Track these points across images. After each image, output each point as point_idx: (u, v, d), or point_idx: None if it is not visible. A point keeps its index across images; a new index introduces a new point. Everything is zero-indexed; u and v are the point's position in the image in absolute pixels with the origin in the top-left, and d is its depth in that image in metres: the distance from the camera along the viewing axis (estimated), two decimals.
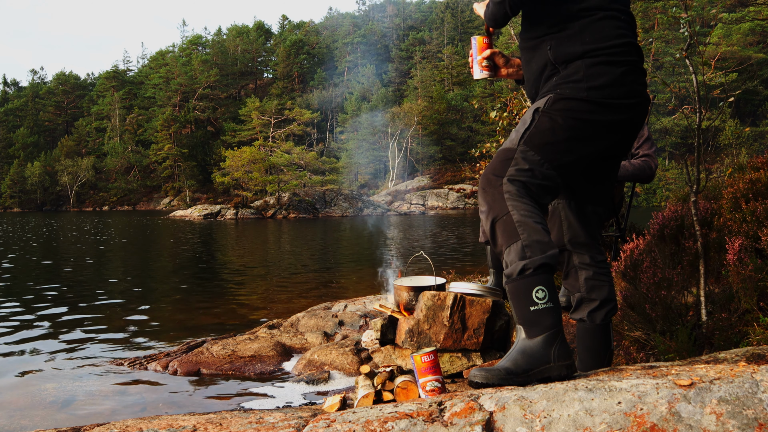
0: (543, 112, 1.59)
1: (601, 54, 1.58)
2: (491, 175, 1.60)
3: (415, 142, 53.81)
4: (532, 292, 1.49)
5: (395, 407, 1.28)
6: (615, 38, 1.61)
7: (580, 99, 1.56)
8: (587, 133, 1.58)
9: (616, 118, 1.59)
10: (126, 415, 3.01)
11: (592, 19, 1.61)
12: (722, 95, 3.08)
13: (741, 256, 2.62)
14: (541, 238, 1.51)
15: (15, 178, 61.24)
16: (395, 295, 2.58)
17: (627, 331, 2.86)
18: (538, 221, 1.53)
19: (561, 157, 1.58)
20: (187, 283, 8.58)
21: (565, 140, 1.57)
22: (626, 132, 1.65)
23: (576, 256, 1.89)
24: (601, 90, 1.56)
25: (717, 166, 29.46)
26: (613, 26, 1.62)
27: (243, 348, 4.10)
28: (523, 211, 1.53)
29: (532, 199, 1.56)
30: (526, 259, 1.49)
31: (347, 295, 6.50)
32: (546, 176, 1.58)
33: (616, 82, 1.57)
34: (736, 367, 1.25)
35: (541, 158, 1.57)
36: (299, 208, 35.63)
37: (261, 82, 74.88)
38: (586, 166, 1.68)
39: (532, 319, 1.49)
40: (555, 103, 1.58)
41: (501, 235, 1.55)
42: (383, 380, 1.93)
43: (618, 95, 1.57)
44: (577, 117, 1.56)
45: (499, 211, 1.55)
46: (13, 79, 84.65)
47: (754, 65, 44.74)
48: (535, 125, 1.59)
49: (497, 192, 1.56)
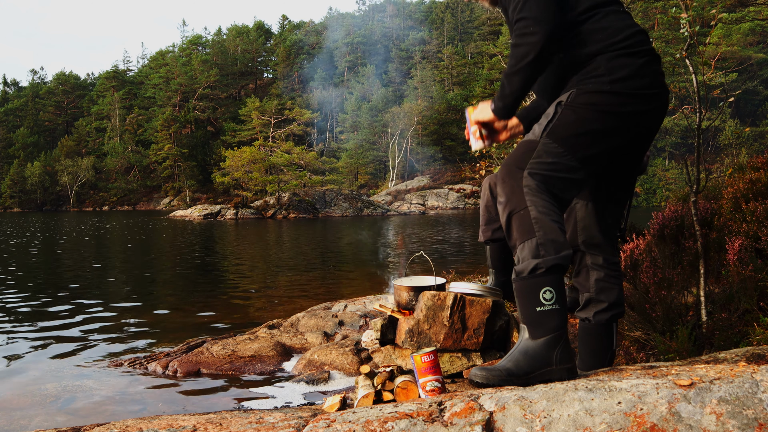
0: (566, 106, 1.58)
1: (619, 47, 1.57)
2: (513, 167, 1.57)
3: (415, 142, 53.80)
4: (540, 293, 1.47)
5: (395, 407, 1.28)
6: (626, 29, 1.60)
7: (604, 92, 1.55)
8: (611, 125, 1.56)
9: (640, 109, 1.57)
10: (126, 415, 3.01)
11: (596, 19, 1.60)
12: (722, 95, 3.08)
13: (741, 256, 2.62)
14: (557, 238, 1.49)
15: (15, 178, 61.23)
16: (395, 295, 2.58)
17: (627, 331, 2.86)
18: (555, 219, 1.51)
19: (584, 150, 1.57)
20: (187, 283, 8.57)
21: (588, 132, 1.56)
22: (650, 123, 1.63)
23: (589, 257, 1.86)
24: (624, 82, 1.55)
25: (717, 166, 29.45)
26: (619, 19, 1.61)
27: (243, 348, 4.10)
28: (541, 208, 1.51)
29: (552, 195, 1.54)
30: (540, 257, 1.48)
31: (347, 295, 6.50)
32: (570, 168, 1.56)
33: (638, 73, 1.56)
34: (736, 367, 1.25)
35: (565, 150, 1.55)
36: (299, 208, 35.62)
37: (261, 82, 74.87)
38: (610, 160, 1.66)
39: (537, 320, 1.48)
40: (578, 96, 1.57)
41: (516, 230, 1.53)
42: (383, 380, 1.93)
43: (641, 86, 1.56)
44: (600, 109, 1.55)
45: (517, 205, 1.53)
46: (13, 79, 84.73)
47: (754, 65, 44.75)
48: (558, 118, 1.58)
49: (517, 184, 1.54)
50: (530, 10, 1.54)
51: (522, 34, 1.55)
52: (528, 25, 1.54)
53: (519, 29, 1.56)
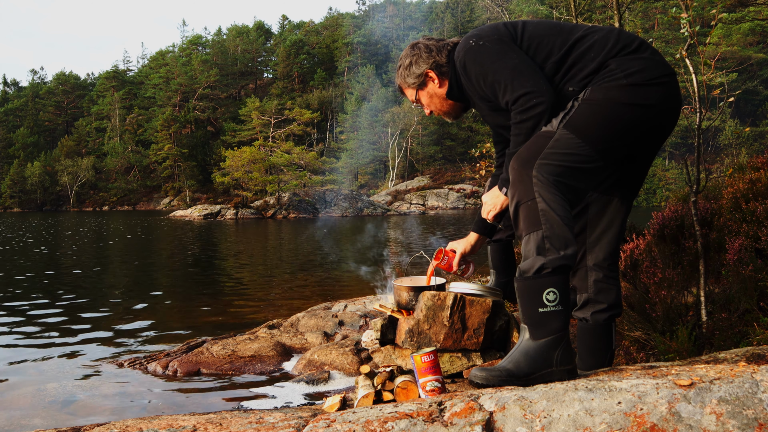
0: (583, 101, 1.59)
1: (622, 51, 1.61)
2: (526, 156, 1.57)
3: (415, 142, 53.79)
4: (543, 294, 1.46)
5: (395, 407, 1.28)
6: (616, 35, 1.65)
7: (621, 86, 1.56)
8: (628, 117, 1.57)
9: (656, 98, 1.59)
10: (126, 415, 3.01)
11: (578, 45, 1.65)
12: (722, 95, 3.08)
13: (741, 256, 2.62)
14: (562, 233, 1.49)
15: (15, 178, 61.20)
16: (395, 295, 2.58)
17: (627, 331, 2.86)
18: (562, 213, 1.51)
19: (602, 141, 1.57)
20: (187, 283, 8.58)
21: (606, 124, 1.57)
22: (662, 119, 1.64)
23: (591, 257, 1.86)
24: (641, 73, 1.57)
25: (717, 166, 29.45)
26: (600, 34, 1.66)
27: (243, 348, 4.10)
28: (549, 201, 1.50)
29: (562, 188, 1.54)
30: (545, 253, 1.47)
31: (347, 295, 6.49)
32: (585, 159, 1.56)
33: (648, 65, 1.59)
34: (736, 367, 1.25)
35: (582, 141, 1.56)
36: (299, 208, 35.61)
37: (261, 82, 74.86)
38: (625, 153, 1.67)
39: (539, 321, 1.47)
40: (594, 92, 1.58)
41: (523, 220, 1.53)
42: (383, 380, 1.92)
43: (655, 75, 1.58)
44: (618, 102, 1.56)
45: (525, 195, 1.53)
46: (13, 79, 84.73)
47: (754, 65, 44.75)
48: (576, 111, 1.58)
49: (527, 174, 1.54)
50: (524, 86, 1.59)
51: (526, 109, 1.60)
52: (530, 98, 1.58)
53: (521, 105, 1.60)
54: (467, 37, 1.76)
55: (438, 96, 1.89)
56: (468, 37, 1.76)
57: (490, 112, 1.83)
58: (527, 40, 1.68)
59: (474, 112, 2.09)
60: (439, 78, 1.85)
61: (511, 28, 1.72)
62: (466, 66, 1.73)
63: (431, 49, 1.84)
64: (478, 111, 1.90)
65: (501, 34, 1.70)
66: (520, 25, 1.73)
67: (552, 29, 1.70)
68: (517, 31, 1.71)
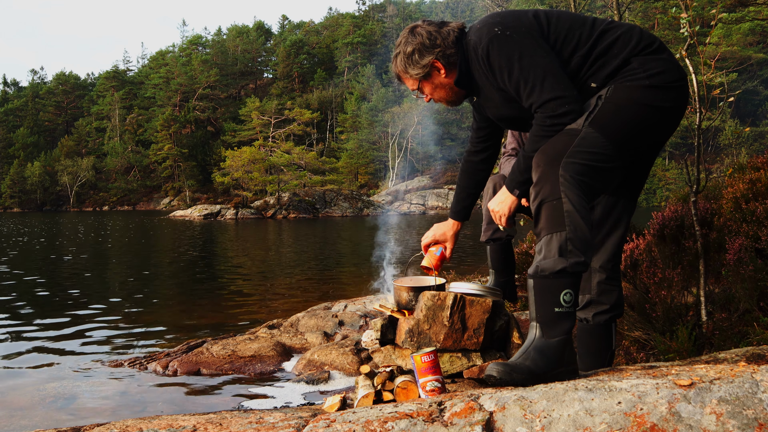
0: (606, 99, 1.58)
1: (644, 50, 1.60)
2: (552, 154, 1.55)
3: (415, 142, 53.78)
4: (561, 294, 1.46)
5: (395, 407, 1.28)
6: (639, 33, 1.64)
7: (644, 86, 1.56)
8: (651, 118, 1.57)
9: (675, 101, 1.59)
10: (126, 415, 3.01)
11: (603, 39, 1.62)
12: (722, 95, 3.08)
13: (741, 256, 2.62)
14: (584, 236, 1.48)
15: (15, 178, 61.20)
16: (395, 295, 2.57)
17: (627, 331, 2.86)
18: (585, 215, 1.50)
19: (624, 141, 1.57)
20: (187, 283, 8.58)
21: (628, 123, 1.56)
22: (674, 120, 1.64)
23: (595, 259, 1.85)
24: (662, 75, 1.57)
25: (717, 166, 29.46)
26: (623, 29, 1.65)
27: (243, 348, 4.10)
28: (575, 203, 1.49)
29: (585, 189, 1.52)
30: (567, 255, 1.46)
31: (347, 295, 6.49)
32: (607, 158, 1.55)
33: (668, 67, 1.59)
34: (736, 367, 1.25)
35: (606, 140, 1.54)
36: (299, 208, 35.61)
37: (261, 82, 74.84)
38: (643, 153, 1.67)
39: (554, 321, 1.47)
40: (616, 91, 1.57)
41: (546, 219, 1.51)
42: (383, 380, 1.92)
43: (674, 78, 1.59)
44: (641, 102, 1.55)
45: (550, 194, 1.51)
46: (13, 79, 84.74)
47: (754, 65, 44.73)
48: (600, 109, 1.57)
49: (553, 172, 1.52)
50: (554, 90, 1.55)
51: (557, 115, 1.56)
52: (562, 104, 1.56)
53: (551, 110, 1.56)
54: (490, 24, 1.65)
55: (444, 85, 1.78)
56: (491, 24, 1.65)
57: (504, 102, 1.72)
58: (554, 33, 1.62)
59: (472, 113, 2.04)
60: (446, 67, 1.73)
61: (536, 20, 1.64)
62: (489, 56, 1.62)
63: (435, 36, 1.72)
64: (484, 100, 1.80)
65: (528, 26, 1.62)
66: (543, 16, 1.65)
67: (574, 21, 1.65)
68: (542, 22, 1.64)
